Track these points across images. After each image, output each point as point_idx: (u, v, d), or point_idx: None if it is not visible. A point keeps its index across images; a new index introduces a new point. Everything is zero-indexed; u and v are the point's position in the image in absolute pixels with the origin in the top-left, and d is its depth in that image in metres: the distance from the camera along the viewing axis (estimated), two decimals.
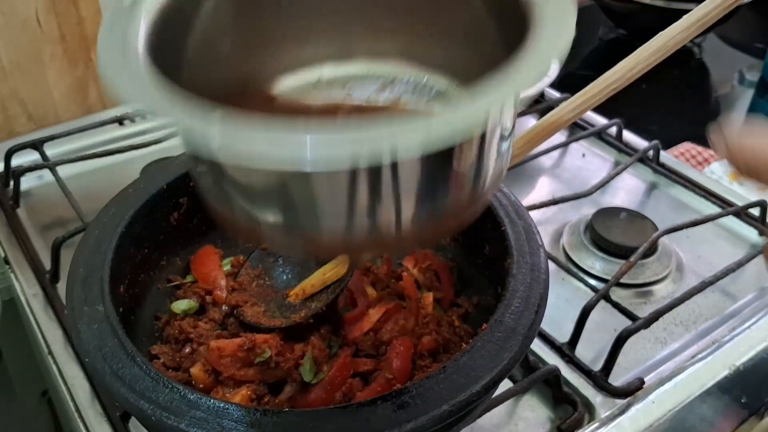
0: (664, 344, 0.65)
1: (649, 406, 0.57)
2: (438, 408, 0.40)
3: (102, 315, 0.46)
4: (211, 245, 0.62)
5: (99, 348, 0.44)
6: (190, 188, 0.59)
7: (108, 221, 0.54)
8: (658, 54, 0.48)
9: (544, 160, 0.88)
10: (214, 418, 0.40)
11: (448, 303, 0.59)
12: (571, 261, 0.73)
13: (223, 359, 0.50)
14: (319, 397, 0.50)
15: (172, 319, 0.56)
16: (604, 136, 0.91)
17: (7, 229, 0.75)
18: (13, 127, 0.92)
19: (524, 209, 0.56)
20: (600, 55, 1.38)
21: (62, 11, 0.89)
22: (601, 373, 0.60)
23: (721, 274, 0.67)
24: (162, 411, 0.40)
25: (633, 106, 1.15)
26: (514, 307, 0.47)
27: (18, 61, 0.88)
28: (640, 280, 0.71)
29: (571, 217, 0.79)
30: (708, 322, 0.67)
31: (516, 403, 0.59)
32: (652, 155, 0.86)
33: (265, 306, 0.57)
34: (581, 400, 0.58)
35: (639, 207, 0.81)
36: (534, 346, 0.62)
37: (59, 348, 0.62)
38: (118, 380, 0.42)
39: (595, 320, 0.63)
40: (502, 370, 0.43)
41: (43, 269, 0.69)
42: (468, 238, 0.61)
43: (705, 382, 0.59)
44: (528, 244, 0.52)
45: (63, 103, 0.94)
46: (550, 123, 0.52)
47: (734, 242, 0.77)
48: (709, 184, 0.83)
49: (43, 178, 0.83)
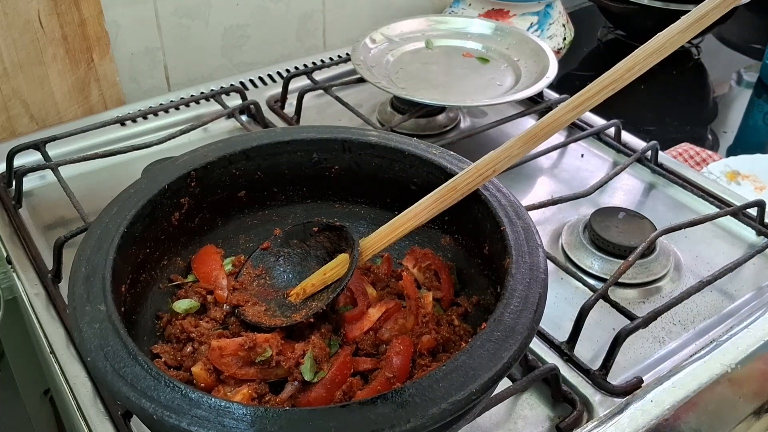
0: (662, 343, 0.65)
1: (648, 404, 0.57)
2: (437, 407, 0.41)
3: (104, 314, 0.47)
4: (212, 245, 0.63)
5: (101, 347, 0.44)
6: (191, 188, 0.60)
7: (109, 221, 0.54)
8: (656, 55, 0.48)
9: (543, 160, 0.89)
10: (215, 417, 0.40)
11: (448, 302, 0.59)
12: (570, 261, 0.74)
13: (225, 358, 0.51)
14: (320, 395, 0.50)
15: (173, 319, 0.56)
16: (603, 136, 0.91)
17: (9, 229, 0.76)
18: (15, 127, 0.93)
19: (523, 209, 0.56)
20: (599, 56, 1.38)
21: (64, 12, 0.89)
22: (599, 372, 0.60)
23: (719, 273, 0.67)
24: (163, 410, 0.41)
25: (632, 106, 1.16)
26: (513, 306, 0.47)
27: (20, 62, 0.89)
28: (639, 280, 0.71)
29: (570, 217, 0.79)
30: (706, 321, 0.68)
31: (515, 401, 0.59)
32: (650, 155, 0.87)
33: (266, 305, 0.57)
34: (580, 399, 0.58)
35: (637, 207, 0.82)
36: (533, 345, 0.62)
37: (61, 347, 0.62)
38: (119, 379, 0.43)
39: (593, 319, 0.63)
40: (501, 369, 0.43)
41: (45, 269, 0.70)
42: (468, 237, 0.61)
43: (703, 381, 0.60)
44: (527, 243, 0.52)
45: (65, 103, 0.95)
46: (549, 123, 0.52)
47: (732, 242, 0.77)
48: (707, 184, 0.84)
49: (45, 179, 0.84)
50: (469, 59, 0.99)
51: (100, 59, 0.95)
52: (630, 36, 1.38)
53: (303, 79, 1.01)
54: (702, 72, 1.34)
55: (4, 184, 0.81)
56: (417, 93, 0.87)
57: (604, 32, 1.43)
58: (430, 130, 0.94)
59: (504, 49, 1.00)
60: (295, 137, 0.63)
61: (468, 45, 1.02)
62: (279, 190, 0.65)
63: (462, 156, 0.61)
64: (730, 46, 1.44)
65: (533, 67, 0.95)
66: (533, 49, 0.97)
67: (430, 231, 0.64)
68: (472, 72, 0.96)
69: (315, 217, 0.65)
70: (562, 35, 1.23)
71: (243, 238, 0.65)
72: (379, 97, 0.99)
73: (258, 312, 0.56)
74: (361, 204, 0.66)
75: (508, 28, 1.03)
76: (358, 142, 0.63)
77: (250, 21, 1.10)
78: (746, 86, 1.30)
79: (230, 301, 0.57)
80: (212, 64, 1.10)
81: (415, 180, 0.62)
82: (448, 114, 0.96)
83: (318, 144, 0.63)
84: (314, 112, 0.97)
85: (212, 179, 0.61)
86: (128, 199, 0.56)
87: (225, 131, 0.93)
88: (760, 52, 1.34)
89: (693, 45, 1.36)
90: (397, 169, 0.62)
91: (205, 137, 0.91)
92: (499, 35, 1.02)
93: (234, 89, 0.95)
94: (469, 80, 0.94)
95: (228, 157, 0.61)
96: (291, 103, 0.97)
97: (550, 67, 0.92)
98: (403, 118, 0.90)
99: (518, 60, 0.98)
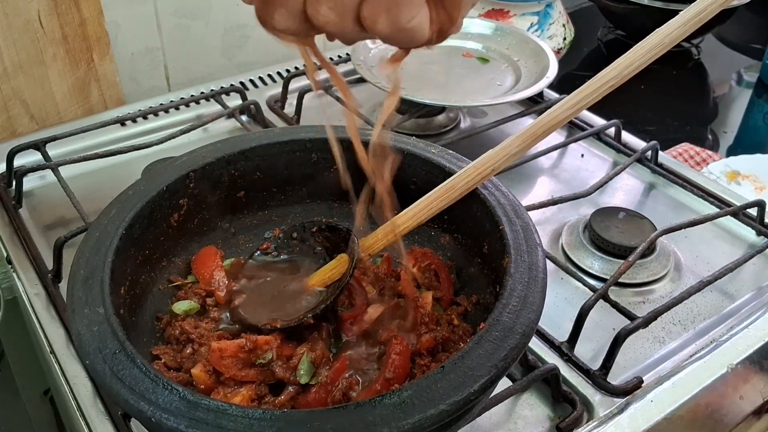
0: (662, 343, 0.65)
1: (648, 405, 0.57)
2: (436, 407, 0.41)
3: (102, 317, 0.47)
4: (211, 246, 0.63)
5: (99, 350, 0.44)
6: (190, 189, 0.60)
7: (108, 223, 0.54)
8: (654, 51, 0.48)
9: (543, 160, 0.89)
10: (213, 419, 0.40)
11: (448, 302, 0.59)
12: (570, 261, 0.73)
13: (224, 360, 0.51)
14: (319, 397, 0.50)
15: (173, 320, 0.56)
16: (603, 136, 0.91)
17: (9, 229, 0.76)
18: (15, 127, 0.93)
19: (523, 209, 0.56)
20: (599, 56, 1.38)
21: (64, 12, 0.89)
22: (599, 372, 0.60)
23: (719, 273, 0.67)
24: (162, 412, 0.41)
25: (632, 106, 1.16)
26: (512, 306, 0.47)
27: (20, 62, 0.89)
28: (639, 280, 0.71)
29: (570, 217, 0.79)
30: (706, 321, 0.68)
31: (515, 401, 0.59)
32: (650, 155, 0.87)
33: (266, 306, 0.57)
34: (580, 399, 0.58)
35: (637, 207, 0.81)
36: (533, 345, 0.62)
37: (61, 347, 0.62)
38: (118, 382, 0.42)
39: (594, 319, 0.63)
40: (500, 369, 0.43)
41: (45, 269, 0.70)
42: (467, 237, 0.61)
43: (703, 381, 0.60)
44: (526, 243, 0.52)
45: (65, 103, 0.95)
46: (548, 121, 0.52)
47: (732, 242, 0.77)
48: (708, 184, 0.84)
49: (45, 179, 0.84)
50: (469, 59, 0.99)
51: (100, 59, 0.95)
52: (630, 36, 1.38)
53: (303, 79, 1.00)
54: (702, 72, 1.34)
55: (4, 184, 0.81)
56: (417, 93, 0.87)
57: (604, 32, 1.43)
58: (430, 130, 0.94)
59: (504, 49, 1.00)
60: (294, 137, 0.63)
61: (468, 45, 1.02)
62: (278, 191, 0.65)
63: (462, 156, 0.61)
64: (730, 46, 1.44)
65: (533, 67, 0.95)
66: (533, 49, 0.97)
67: (429, 230, 0.64)
68: (472, 72, 0.96)
69: (314, 217, 0.65)
70: (562, 35, 1.23)
71: (242, 239, 0.65)
72: (379, 97, 0.99)
73: (258, 313, 0.56)
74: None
75: (508, 28, 1.03)
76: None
77: (250, 21, 1.09)
78: (746, 86, 1.30)
79: (230, 302, 0.57)
80: (212, 64, 1.10)
81: (414, 179, 0.62)
82: (448, 114, 0.96)
83: (317, 144, 0.63)
84: (314, 112, 0.97)
85: (211, 180, 0.61)
86: (127, 201, 0.56)
87: (225, 131, 0.93)
88: (760, 52, 1.34)
89: (693, 45, 1.36)
90: (396, 168, 0.62)
91: (205, 137, 0.91)
92: (499, 35, 1.02)
93: (234, 89, 0.95)
94: (469, 80, 0.94)
95: (227, 157, 0.61)
96: (291, 103, 0.97)
97: (550, 67, 0.92)
98: (403, 118, 0.90)
99: (518, 60, 0.98)
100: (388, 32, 0.33)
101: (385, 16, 0.32)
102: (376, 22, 0.32)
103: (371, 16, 0.32)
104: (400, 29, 0.33)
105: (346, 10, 0.32)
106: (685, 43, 1.33)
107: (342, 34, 0.33)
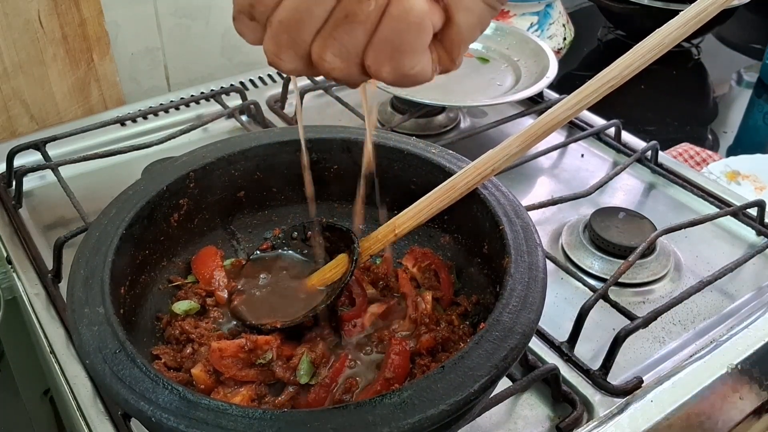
0: (662, 343, 0.65)
1: (648, 405, 0.57)
2: (436, 407, 0.41)
3: (102, 317, 0.47)
4: (211, 246, 0.63)
5: (99, 350, 0.44)
6: (190, 189, 0.60)
7: (108, 223, 0.54)
8: (654, 51, 0.48)
9: (543, 160, 0.89)
10: (213, 419, 0.40)
11: (448, 302, 0.59)
12: (570, 261, 0.73)
13: (224, 360, 0.51)
14: (319, 397, 0.50)
15: (173, 320, 0.56)
16: (603, 136, 0.91)
17: (9, 229, 0.76)
18: (15, 127, 0.93)
19: (523, 208, 0.56)
20: (599, 56, 1.38)
21: (64, 12, 0.89)
22: (599, 372, 0.60)
23: (719, 273, 0.67)
24: (162, 412, 0.41)
25: (632, 106, 1.16)
26: (512, 306, 0.47)
27: (20, 62, 0.89)
28: (639, 280, 0.71)
29: (570, 217, 0.79)
30: (706, 321, 0.68)
31: (515, 401, 0.59)
32: (650, 156, 0.87)
33: (266, 306, 0.57)
34: (580, 399, 0.58)
35: (637, 207, 0.81)
36: (533, 345, 0.62)
37: (61, 347, 0.62)
38: (118, 382, 0.42)
39: (593, 319, 0.63)
40: (500, 369, 0.43)
41: (45, 269, 0.70)
42: (467, 237, 0.61)
43: (703, 381, 0.60)
44: (526, 243, 0.52)
45: (65, 103, 0.95)
46: (548, 121, 0.52)
47: (732, 242, 0.77)
48: (708, 184, 0.84)
49: (45, 179, 0.84)
50: (469, 59, 0.99)
51: (100, 59, 0.95)
52: (630, 36, 1.38)
53: (303, 79, 1.00)
54: (702, 72, 1.34)
55: (4, 184, 0.81)
56: (417, 93, 0.87)
57: (604, 32, 1.43)
58: (430, 130, 0.94)
59: (504, 49, 1.00)
60: (294, 137, 0.63)
61: None
62: (278, 191, 0.65)
63: (462, 156, 0.61)
64: (730, 46, 1.44)
65: (533, 67, 0.95)
66: (533, 49, 0.97)
67: (429, 230, 0.64)
68: (472, 72, 0.96)
69: (314, 217, 0.65)
70: (562, 35, 1.23)
71: (242, 239, 0.65)
72: (378, 97, 0.99)
73: (258, 313, 0.56)
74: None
75: (508, 28, 1.03)
76: (358, 142, 0.63)
77: None
78: (746, 86, 1.30)
79: (230, 302, 0.57)
80: (212, 64, 1.10)
81: (414, 179, 0.62)
82: (448, 114, 0.96)
83: (317, 144, 0.63)
84: (314, 112, 0.97)
85: (211, 180, 0.61)
86: (127, 201, 0.56)
87: (225, 131, 0.93)
88: (760, 52, 1.34)
89: (693, 45, 1.36)
90: (396, 168, 0.62)
91: (205, 137, 0.91)
92: (499, 35, 1.02)
93: (234, 89, 0.95)
94: (469, 80, 0.94)
95: (227, 157, 0.61)
96: (291, 103, 0.97)
97: (550, 67, 0.92)
98: (403, 118, 0.90)
99: (518, 60, 0.98)
100: (392, 79, 0.33)
101: (388, 64, 0.33)
102: (380, 70, 0.33)
103: (375, 65, 0.33)
104: (404, 75, 0.33)
105: (350, 57, 0.33)
106: (685, 43, 1.33)
107: (347, 80, 0.34)
